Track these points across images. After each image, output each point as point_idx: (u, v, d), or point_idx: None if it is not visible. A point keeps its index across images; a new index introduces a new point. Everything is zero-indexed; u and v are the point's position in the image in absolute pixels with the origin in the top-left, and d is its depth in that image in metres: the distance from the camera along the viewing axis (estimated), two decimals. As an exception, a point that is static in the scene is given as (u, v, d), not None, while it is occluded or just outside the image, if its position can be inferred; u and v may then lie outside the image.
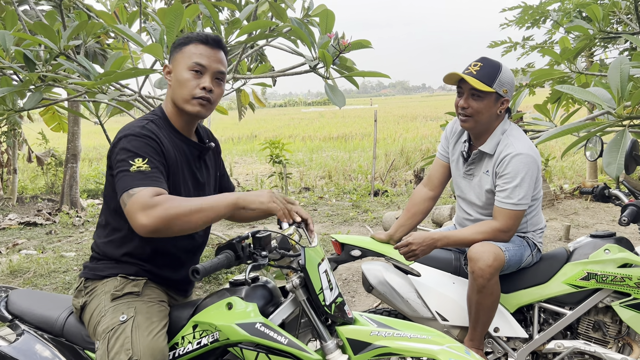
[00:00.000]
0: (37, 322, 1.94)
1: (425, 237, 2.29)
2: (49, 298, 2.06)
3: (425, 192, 2.64)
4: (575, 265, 2.40)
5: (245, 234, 1.58)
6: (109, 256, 1.82)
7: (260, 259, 1.57)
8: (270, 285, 1.80)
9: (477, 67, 2.30)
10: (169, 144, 1.77)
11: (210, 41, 1.79)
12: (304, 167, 12.96)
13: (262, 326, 1.63)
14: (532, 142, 2.41)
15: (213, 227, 6.93)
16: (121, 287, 1.76)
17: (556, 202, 7.40)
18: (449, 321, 2.40)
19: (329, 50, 2.86)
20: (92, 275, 1.83)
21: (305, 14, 3.99)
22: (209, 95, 1.77)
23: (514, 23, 6.77)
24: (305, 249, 1.68)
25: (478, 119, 2.33)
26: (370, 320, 1.77)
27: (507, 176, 2.29)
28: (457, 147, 2.54)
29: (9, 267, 5.33)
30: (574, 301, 2.40)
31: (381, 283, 2.46)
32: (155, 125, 1.77)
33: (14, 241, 6.49)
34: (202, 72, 1.76)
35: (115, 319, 1.67)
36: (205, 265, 1.45)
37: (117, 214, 1.78)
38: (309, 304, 1.69)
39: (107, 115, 4.43)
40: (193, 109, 1.77)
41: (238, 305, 1.68)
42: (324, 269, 1.71)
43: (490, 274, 2.20)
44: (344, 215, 7.41)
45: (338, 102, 2.68)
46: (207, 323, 1.68)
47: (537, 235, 2.49)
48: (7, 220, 7.73)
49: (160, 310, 1.76)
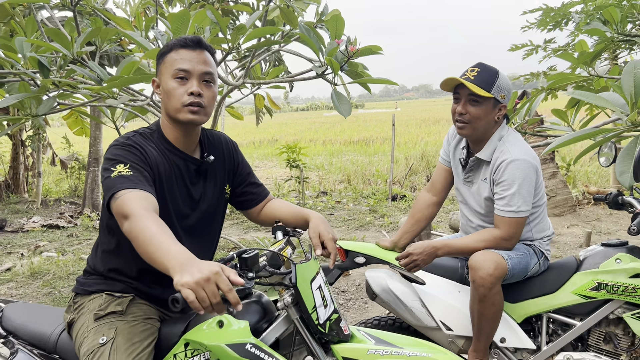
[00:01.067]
0: (31, 339, 1.90)
1: (426, 246, 2.25)
2: (44, 312, 2.02)
3: (428, 197, 2.61)
4: (585, 275, 2.33)
5: (230, 255, 1.48)
6: (97, 271, 1.80)
7: (247, 281, 1.43)
8: (264, 300, 1.72)
9: (474, 72, 2.27)
10: (158, 157, 1.71)
11: (190, 43, 1.70)
12: (323, 171, 12.95)
13: (253, 347, 1.55)
14: (530, 147, 2.35)
15: (228, 232, 6.97)
16: (105, 306, 1.71)
17: (578, 208, 7.24)
18: (454, 331, 2.36)
19: (337, 56, 2.85)
20: (81, 290, 1.80)
21: (318, 19, 4.00)
22: (198, 100, 1.68)
23: (535, 26, 6.66)
24: (297, 265, 1.60)
25: (476, 125, 2.29)
26: (369, 336, 1.71)
27: (503, 183, 2.24)
28: (456, 153, 2.51)
29: (30, 269, 5.44)
30: (584, 312, 2.34)
31: (385, 291, 2.42)
32: (142, 138, 1.72)
33: (36, 243, 6.61)
34: (187, 77, 1.68)
35: (95, 342, 1.63)
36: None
37: (106, 228, 1.77)
38: (302, 323, 1.62)
39: (123, 119, 4.49)
40: (185, 117, 1.69)
41: (229, 323, 1.60)
42: (317, 285, 1.64)
43: (492, 283, 2.15)
44: (360, 220, 7.38)
45: (344, 110, 2.64)
46: (198, 342, 1.61)
47: (544, 242, 2.43)
48: (30, 222, 7.89)
49: (144, 329, 1.70)
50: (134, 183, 1.52)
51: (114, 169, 1.56)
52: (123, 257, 1.74)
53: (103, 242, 1.80)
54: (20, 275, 5.32)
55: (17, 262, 5.70)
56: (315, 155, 16.47)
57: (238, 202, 2.02)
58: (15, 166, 9.67)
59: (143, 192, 1.50)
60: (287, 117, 47.38)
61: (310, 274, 1.62)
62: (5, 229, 7.53)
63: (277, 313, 1.71)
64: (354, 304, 4.37)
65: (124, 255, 1.73)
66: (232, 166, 1.97)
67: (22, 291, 4.92)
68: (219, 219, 1.96)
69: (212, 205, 1.89)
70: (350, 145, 19.50)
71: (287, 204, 1.99)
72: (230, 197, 2.01)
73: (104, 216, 1.75)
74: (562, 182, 7.14)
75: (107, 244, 1.78)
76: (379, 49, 3.00)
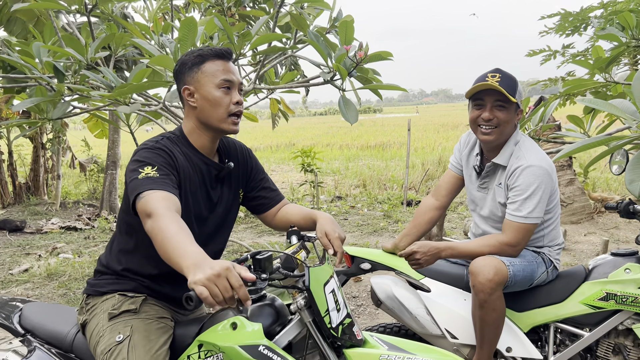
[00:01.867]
0: (48, 338, 1.95)
1: (430, 246, 2.24)
2: (61, 312, 2.07)
3: (431, 201, 2.60)
4: (593, 285, 2.29)
5: (244, 256, 1.50)
6: (110, 271, 1.83)
7: (260, 282, 1.47)
8: (277, 304, 1.73)
9: (496, 78, 2.26)
10: (184, 161, 1.75)
11: (227, 55, 1.79)
12: (339, 176, 12.94)
13: (266, 349, 1.56)
14: (545, 153, 2.33)
15: (242, 236, 7.00)
16: (118, 306, 1.75)
17: (596, 216, 7.12)
18: (459, 339, 2.33)
19: (346, 62, 2.84)
20: (92, 292, 1.84)
21: (331, 24, 4.01)
22: (241, 109, 1.78)
23: (553, 31, 6.58)
24: (310, 268, 1.61)
25: (503, 129, 2.28)
26: (381, 341, 1.71)
27: (517, 188, 2.22)
28: (470, 160, 2.49)
29: (47, 270, 5.53)
30: (593, 322, 2.30)
31: (390, 298, 2.41)
32: (169, 141, 1.76)
33: (54, 245, 6.72)
34: (230, 87, 1.76)
35: (112, 340, 1.66)
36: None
37: (125, 227, 1.81)
38: (315, 326, 1.63)
39: (137, 124, 4.56)
40: (228, 127, 1.76)
41: (242, 325, 1.62)
42: (330, 289, 1.65)
43: (491, 289, 2.13)
44: (374, 225, 7.35)
45: (350, 117, 2.64)
46: (212, 343, 1.63)
47: (554, 251, 2.39)
48: (49, 224, 8.03)
49: (159, 327, 1.73)
50: (159, 184, 1.55)
51: (141, 171, 1.59)
52: (139, 256, 1.78)
53: (120, 241, 1.84)
54: (37, 276, 5.42)
55: (35, 263, 5.80)
56: (331, 160, 16.47)
57: (252, 206, 2.06)
58: (35, 168, 9.86)
59: (167, 193, 1.53)
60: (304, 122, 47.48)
61: (323, 278, 1.63)
62: (24, 230, 7.68)
63: (290, 317, 1.72)
64: (365, 309, 4.36)
65: (139, 255, 1.77)
66: (246, 170, 2.01)
67: (39, 292, 5.00)
68: (230, 222, 1.99)
69: (227, 210, 1.93)
70: (367, 149, 19.47)
71: (299, 208, 2.01)
72: (244, 201, 2.04)
73: (126, 216, 1.79)
74: (579, 189, 7.03)
75: (125, 243, 1.82)
76: (389, 54, 2.99)
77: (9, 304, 2.15)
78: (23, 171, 10.68)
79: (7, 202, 9.50)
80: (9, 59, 3.13)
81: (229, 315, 1.67)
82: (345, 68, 2.82)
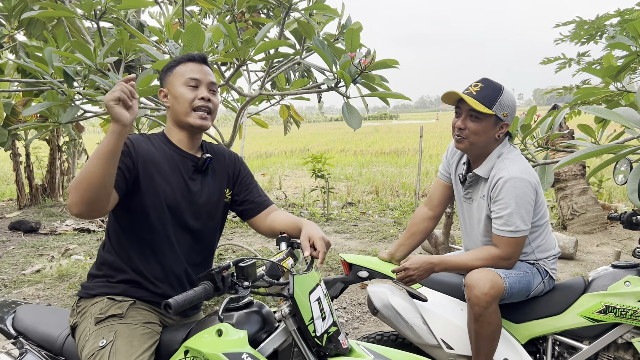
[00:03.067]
0: (39, 340, 1.98)
1: (422, 261, 2.22)
2: (54, 315, 2.09)
3: (425, 211, 2.59)
4: (592, 297, 2.26)
5: (227, 264, 1.51)
6: (102, 273, 1.87)
7: (242, 290, 1.49)
8: (264, 311, 1.73)
9: (477, 87, 2.24)
10: (152, 150, 1.85)
11: (198, 58, 1.92)
12: (352, 182, 12.93)
13: (249, 357, 1.56)
14: (529, 165, 2.30)
15: (250, 241, 7.02)
16: (105, 310, 1.78)
17: (610, 226, 7.01)
18: (455, 350, 2.31)
19: (351, 69, 2.85)
20: (84, 294, 1.88)
21: (340, 31, 4.03)
22: (208, 105, 1.87)
23: (568, 39, 6.51)
24: (295, 276, 1.62)
25: (473, 140, 2.26)
26: (368, 350, 1.70)
27: (500, 202, 2.20)
28: (457, 169, 2.48)
29: (58, 271, 5.61)
30: (591, 335, 2.26)
31: (386, 307, 2.40)
32: (142, 137, 1.88)
33: (67, 246, 6.82)
34: (197, 85, 1.87)
35: (96, 344, 1.69)
36: (178, 299, 1.39)
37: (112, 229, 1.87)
38: (299, 334, 1.63)
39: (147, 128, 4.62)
40: (195, 121, 1.85)
41: (228, 332, 1.62)
42: (316, 297, 1.64)
43: (487, 302, 2.11)
44: (384, 232, 7.33)
45: (354, 123, 2.65)
46: (197, 350, 1.63)
47: (549, 262, 2.37)
48: (63, 226, 8.14)
49: (144, 332, 1.75)
50: None
51: None
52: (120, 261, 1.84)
53: (109, 244, 1.89)
54: (49, 277, 5.50)
55: (47, 264, 5.89)
56: (345, 166, 16.46)
57: (240, 210, 2.10)
58: (51, 170, 10.01)
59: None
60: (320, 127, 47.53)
61: (309, 286, 1.63)
62: (39, 231, 7.80)
63: (276, 324, 1.71)
64: (370, 317, 4.34)
65: (120, 260, 1.84)
66: (233, 172, 2.07)
67: (49, 293, 5.07)
68: (217, 222, 2.03)
69: (211, 204, 1.96)
70: (381, 156, 19.42)
71: (286, 215, 2.04)
72: (232, 206, 2.09)
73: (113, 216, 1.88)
74: (592, 199, 6.93)
75: (108, 247, 1.89)
76: (395, 62, 2.98)
77: (3, 305, 2.18)
78: (40, 173, 10.85)
79: (24, 203, 9.66)
80: (23, 65, 3.20)
81: (216, 321, 1.68)
82: (350, 75, 2.83)
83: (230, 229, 7.83)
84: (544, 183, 3.06)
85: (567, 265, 5.61)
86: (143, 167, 1.80)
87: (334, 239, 7.06)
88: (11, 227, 7.93)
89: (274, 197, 10.91)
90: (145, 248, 1.84)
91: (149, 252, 1.84)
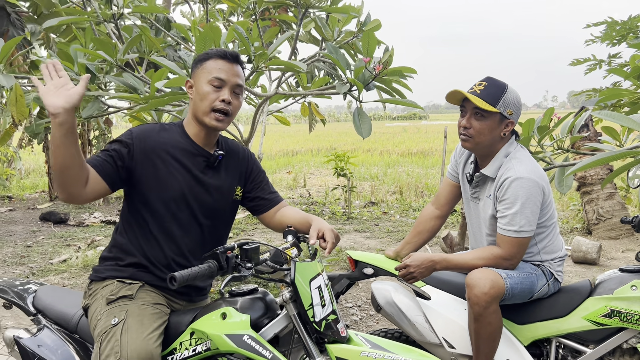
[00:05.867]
0: (56, 318, 2.11)
1: (424, 259, 2.24)
2: (71, 296, 2.23)
3: (432, 210, 2.60)
4: (597, 300, 2.24)
5: (231, 245, 1.61)
6: (113, 256, 1.96)
7: (244, 270, 1.58)
8: (268, 298, 1.82)
9: (481, 86, 2.25)
10: (161, 142, 1.90)
11: (229, 56, 1.90)
12: (376, 182, 12.91)
13: (249, 339, 1.66)
14: (538, 165, 2.29)
15: (270, 237, 7.10)
16: (116, 291, 1.87)
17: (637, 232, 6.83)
18: (456, 349, 2.32)
19: (365, 74, 2.84)
20: (95, 277, 1.97)
21: (359, 29, 4.03)
22: (227, 108, 1.88)
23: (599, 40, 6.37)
24: (296, 263, 1.69)
25: (479, 139, 2.26)
26: (365, 340, 1.76)
27: (506, 201, 2.20)
28: (465, 168, 2.48)
29: (83, 261, 5.79)
30: (596, 339, 2.24)
31: (389, 304, 2.42)
32: (159, 126, 1.95)
33: (93, 238, 7.03)
34: (222, 85, 1.87)
35: (108, 323, 1.78)
36: (183, 273, 1.50)
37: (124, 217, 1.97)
38: (299, 319, 1.70)
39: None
40: (210, 122, 1.88)
41: (231, 315, 1.73)
42: (317, 285, 1.71)
43: (487, 302, 2.11)
44: (404, 232, 7.31)
45: (363, 131, 2.65)
46: (202, 331, 1.74)
47: (555, 263, 2.35)
48: (91, 218, 8.38)
49: (153, 312, 1.84)
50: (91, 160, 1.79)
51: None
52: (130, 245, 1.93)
53: (120, 230, 1.99)
54: (74, 266, 5.69)
55: (73, 255, 6.08)
56: (370, 165, 16.43)
57: (251, 206, 2.15)
58: (82, 164, 10.30)
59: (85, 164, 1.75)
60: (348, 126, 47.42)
61: (310, 274, 1.71)
62: (68, 223, 8.05)
63: (279, 312, 1.81)
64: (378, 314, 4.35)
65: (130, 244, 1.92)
66: (245, 169, 2.11)
67: (74, 282, 5.24)
68: (226, 218, 2.09)
69: (220, 200, 2.02)
70: (408, 156, 19.30)
71: (296, 211, 2.11)
72: (244, 201, 2.14)
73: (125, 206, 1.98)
74: (619, 204, 6.78)
75: (123, 232, 1.98)
76: (412, 70, 2.94)
77: (25, 286, 2.32)
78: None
79: (54, 195, 9.97)
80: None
81: (221, 306, 1.78)
82: (364, 80, 2.83)
83: (252, 225, 7.92)
84: (563, 186, 3.02)
85: (590, 270, 5.50)
86: (145, 159, 1.86)
87: (353, 237, 7.08)
88: (42, 218, 8.20)
89: (298, 195, 10.99)
90: (151, 238, 1.91)
91: (154, 243, 1.92)
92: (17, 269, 5.64)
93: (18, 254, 6.23)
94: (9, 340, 2.16)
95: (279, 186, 12.50)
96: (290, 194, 11.25)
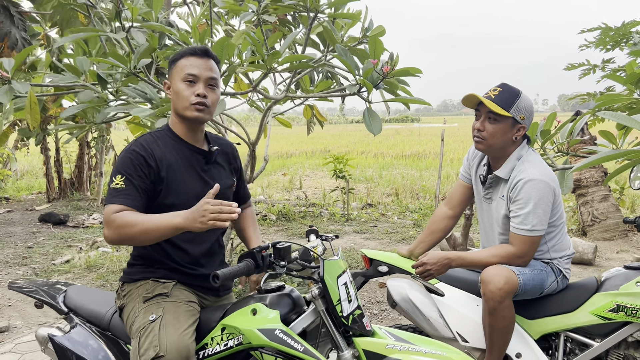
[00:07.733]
0: (88, 316, 2.18)
1: (440, 257, 2.33)
2: (100, 295, 2.30)
3: (444, 211, 2.69)
4: (604, 296, 2.34)
5: (266, 244, 1.71)
6: (141, 262, 2.04)
7: (279, 268, 1.69)
8: (295, 295, 1.91)
9: (496, 91, 2.36)
10: (166, 151, 1.96)
11: (199, 52, 1.98)
12: (372, 184, 13.01)
13: (281, 333, 1.73)
14: (548, 167, 2.40)
15: (273, 238, 7.17)
16: (152, 290, 1.95)
17: (630, 233, 6.98)
18: (470, 343, 2.41)
19: (373, 75, 2.94)
20: (127, 279, 2.04)
21: (363, 34, 4.13)
22: (204, 100, 1.94)
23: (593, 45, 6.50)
24: (325, 261, 1.78)
25: (491, 142, 2.37)
26: (389, 334, 1.85)
27: (519, 202, 2.30)
28: (478, 170, 2.58)
29: (86, 262, 5.83)
30: (603, 333, 2.34)
31: (404, 300, 2.51)
32: (151, 137, 1.98)
33: (94, 239, 7.04)
34: (195, 81, 1.94)
35: (146, 319, 1.85)
36: (224, 271, 1.60)
37: None
38: (327, 314, 1.78)
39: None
40: (191, 114, 1.94)
41: (262, 311, 1.81)
42: (343, 281, 1.80)
43: (501, 297, 2.20)
44: (403, 233, 7.41)
45: (374, 128, 2.75)
46: (233, 327, 1.81)
47: (563, 261, 2.45)
48: (91, 219, 8.40)
49: (188, 310, 1.91)
50: (120, 198, 1.83)
51: (114, 179, 1.87)
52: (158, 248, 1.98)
53: None
54: (78, 267, 5.72)
55: (76, 255, 6.11)
56: (365, 168, 16.53)
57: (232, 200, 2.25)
58: (80, 165, 10.33)
59: (121, 207, 1.82)
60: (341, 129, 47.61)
61: (337, 271, 1.79)
62: (67, 224, 8.07)
63: (305, 307, 1.89)
64: (389, 314, 4.44)
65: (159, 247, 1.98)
66: (235, 164, 2.23)
67: (78, 282, 5.28)
68: None
69: (225, 193, 2.09)
70: (402, 159, 19.44)
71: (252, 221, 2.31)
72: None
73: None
74: (614, 206, 6.92)
75: None
76: (418, 71, 3.05)
77: (54, 286, 2.39)
78: (68, 168, 11.16)
79: (53, 196, 9.98)
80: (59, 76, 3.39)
81: (251, 302, 1.86)
82: (372, 81, 2.92)
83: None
84: (564, 188, 3.13)
85: (586, 270, 5.63)
86: (159, 174, 1.92)
87: (353, 238, 7.17)
88: (41, 219, 8.21)
89: (295, 197, 11.06)
90: (174, 244, 1.99)
91: (177, 248, 2.00)
92: (19, 270, 5.67)
93: (19, 255, 6.25)
94: (43, 338, 2.22)
95: (275, 188, 12.56)
96: (286, 196, 11.32)
